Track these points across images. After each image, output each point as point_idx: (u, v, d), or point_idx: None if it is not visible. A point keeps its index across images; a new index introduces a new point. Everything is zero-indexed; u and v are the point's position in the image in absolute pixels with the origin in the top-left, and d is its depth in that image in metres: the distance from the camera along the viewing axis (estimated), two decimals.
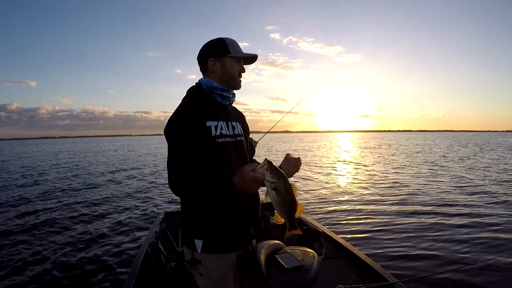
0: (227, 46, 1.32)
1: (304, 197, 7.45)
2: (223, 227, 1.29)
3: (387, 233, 4.68)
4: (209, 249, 1.29)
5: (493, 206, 6.28)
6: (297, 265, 1.38)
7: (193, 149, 1.21)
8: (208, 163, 1.24)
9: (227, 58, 1.32)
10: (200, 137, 1.23)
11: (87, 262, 3.92)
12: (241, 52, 1.35)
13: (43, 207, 7.08)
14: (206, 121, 1.27)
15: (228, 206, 1.28)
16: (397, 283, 1.94)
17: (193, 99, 1.33)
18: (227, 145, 1.31)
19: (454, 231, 4.72)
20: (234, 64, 1.34)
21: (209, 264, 1.29)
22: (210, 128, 1.27)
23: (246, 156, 1.42)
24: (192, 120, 1.23)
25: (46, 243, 4.67)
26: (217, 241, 1.29)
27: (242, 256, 1.38)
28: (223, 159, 1.28)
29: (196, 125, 1.23)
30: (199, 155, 1.22)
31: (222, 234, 1.30)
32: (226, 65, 1.32)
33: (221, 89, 1.33)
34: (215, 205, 1.26)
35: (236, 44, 1.35)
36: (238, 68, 1.35)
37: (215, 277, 1.29)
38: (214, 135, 1.27)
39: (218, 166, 1.26)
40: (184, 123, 1.23)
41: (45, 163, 20.07)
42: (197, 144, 1.22)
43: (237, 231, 1.34)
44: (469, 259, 3.75)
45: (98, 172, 13.99)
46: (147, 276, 2.39)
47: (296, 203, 1.19)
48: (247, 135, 1.55)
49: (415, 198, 7.07)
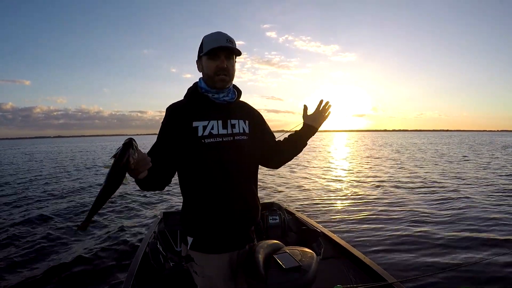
0: (203, 45, 1.27)
1: (303, 197, 7.47)
2: (213, 227, 1.28)
3: (386, 233, 4.69)
4: (198, 247, 1.28)
5: (493, 205, 6.31)
6: (296, 265, 1.38)
7: (164, 145, 1.23)
8: (200, 164, 1.24)
9: (203, 57, 1.28)
10: (183, 137, 1.23)
11: (86, 262, 3.90)
12: (209, 47, 1.23)
13: (39, 207, 7.04)
14: (192, 121, 1.25)
15: (220, 207, 1.27)
16: (396, 283, 1.95)
17: (185, 99, 1.33)
18: (218, 145, 1.25)
19: (454, 231, 4.74)
20: (209, 62, 1.26)
21: (201, 262, 1.29)
22: (197, 128, 1.24)
23: (249, 155, 1.35)
24: (175, 119, 1.25)
25: (44, 243, 4.64)
26: (206, 240, 1.28)
27: (240, 258, 1.35)
28: (216, 160, 1.25)
29: (179, 124, 1.24)
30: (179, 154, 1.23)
31: (211, 233, 1.28)
32: (203, 65, 1.29)
33: (205, 90, 1.30)
34: (208, 205, 1.26)
35: (212, 38, 1.24)
36: (214, 65, 1.24)
37: (207, 277, 1.28)
38: (201, 135, 1.24)
39: (211, 167, 1.24)
40: (167, 121, 1.26)
41: (39, 163, 19.94)
42: (178, 143, 1.22)
43: (228, 233, 1.31)
44: (469, 259, 3.77)
45: (95, 172, 13.92)
46: (146, 276, 2.39)
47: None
48: (261, 131, 1.45)
49: (414, 198, 7.10)
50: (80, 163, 19.04)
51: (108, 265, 3.82)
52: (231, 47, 1.24)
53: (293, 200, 7.11)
